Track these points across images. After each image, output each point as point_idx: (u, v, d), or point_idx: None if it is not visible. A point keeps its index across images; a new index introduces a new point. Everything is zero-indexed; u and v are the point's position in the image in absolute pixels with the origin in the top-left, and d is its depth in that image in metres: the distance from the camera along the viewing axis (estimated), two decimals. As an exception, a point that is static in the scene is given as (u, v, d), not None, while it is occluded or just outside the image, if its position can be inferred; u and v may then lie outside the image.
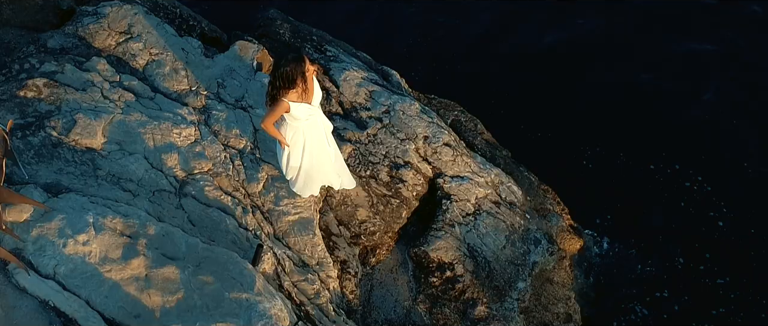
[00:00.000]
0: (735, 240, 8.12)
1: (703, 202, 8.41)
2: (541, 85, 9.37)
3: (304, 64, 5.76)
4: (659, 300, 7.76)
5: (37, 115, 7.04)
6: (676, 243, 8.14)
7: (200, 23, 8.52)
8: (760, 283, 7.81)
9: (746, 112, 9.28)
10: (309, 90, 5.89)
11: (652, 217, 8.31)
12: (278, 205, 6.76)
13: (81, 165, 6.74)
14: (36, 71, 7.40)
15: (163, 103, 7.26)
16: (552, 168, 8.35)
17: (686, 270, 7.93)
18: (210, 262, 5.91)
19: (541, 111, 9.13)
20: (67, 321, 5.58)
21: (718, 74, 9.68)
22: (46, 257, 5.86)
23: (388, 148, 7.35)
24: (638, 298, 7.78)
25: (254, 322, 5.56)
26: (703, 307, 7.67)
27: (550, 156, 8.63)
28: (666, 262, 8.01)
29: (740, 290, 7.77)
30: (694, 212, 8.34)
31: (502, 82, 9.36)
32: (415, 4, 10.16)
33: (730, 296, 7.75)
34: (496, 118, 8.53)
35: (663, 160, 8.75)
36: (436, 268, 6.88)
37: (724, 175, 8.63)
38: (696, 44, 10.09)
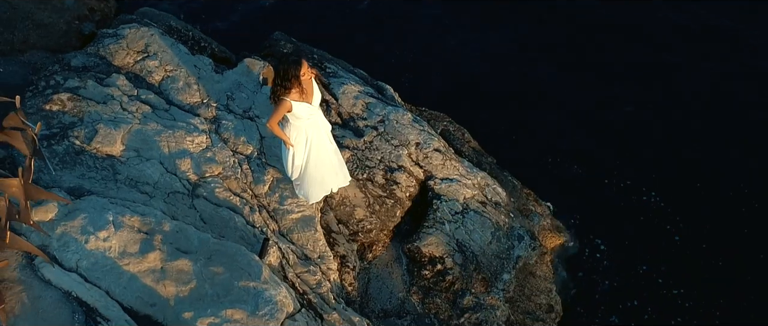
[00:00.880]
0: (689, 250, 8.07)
1: (660, 216, 8.35)
2: (524, 99, 9.37)
3: (300, 66, 5.79)
4: (627, 299, 7.66)
5: (62, 126, 7.07)
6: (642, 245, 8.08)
7: (211, 44, 8.55)
8: (713, 289, 7.75)
9: (705, 129, 9.26)
10: (308, 91, 5.95)
11: (622, 223, 8.24)
12: (283, 205, 6.78)
13: (102, 171, 6.77)
14: (61, 87, 7.43)
15: (177, 114, 7.29)
16: (533, 174, 8.34)
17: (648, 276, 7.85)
18: (220, 255, 5.92)
19: (524, 123, 9.11)
20: (89, 310, 5.57)
21: (682, 88, 9.68)
22: (69, 252, 5.87)
23: (383, 153, 7.37)
24: (612, 295, 7.68)
25: (261, 308, 5.56)
26: (663, 309, 7.58)
27: (531, 163, 8.60)
28: (632, 266, 7.93)
29: (693, 299, 7.69)
30: (655, 224, 8.27)
31: (487, 96, 9.37)
32: (407, 27, 10.19)
33: (685, 305, 7.66)
34: (482, 128, 8.52)
35: (627, 169, 8.74)
36: (428, 262, 6.89)
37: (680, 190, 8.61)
38: (664, 55, 10.12)
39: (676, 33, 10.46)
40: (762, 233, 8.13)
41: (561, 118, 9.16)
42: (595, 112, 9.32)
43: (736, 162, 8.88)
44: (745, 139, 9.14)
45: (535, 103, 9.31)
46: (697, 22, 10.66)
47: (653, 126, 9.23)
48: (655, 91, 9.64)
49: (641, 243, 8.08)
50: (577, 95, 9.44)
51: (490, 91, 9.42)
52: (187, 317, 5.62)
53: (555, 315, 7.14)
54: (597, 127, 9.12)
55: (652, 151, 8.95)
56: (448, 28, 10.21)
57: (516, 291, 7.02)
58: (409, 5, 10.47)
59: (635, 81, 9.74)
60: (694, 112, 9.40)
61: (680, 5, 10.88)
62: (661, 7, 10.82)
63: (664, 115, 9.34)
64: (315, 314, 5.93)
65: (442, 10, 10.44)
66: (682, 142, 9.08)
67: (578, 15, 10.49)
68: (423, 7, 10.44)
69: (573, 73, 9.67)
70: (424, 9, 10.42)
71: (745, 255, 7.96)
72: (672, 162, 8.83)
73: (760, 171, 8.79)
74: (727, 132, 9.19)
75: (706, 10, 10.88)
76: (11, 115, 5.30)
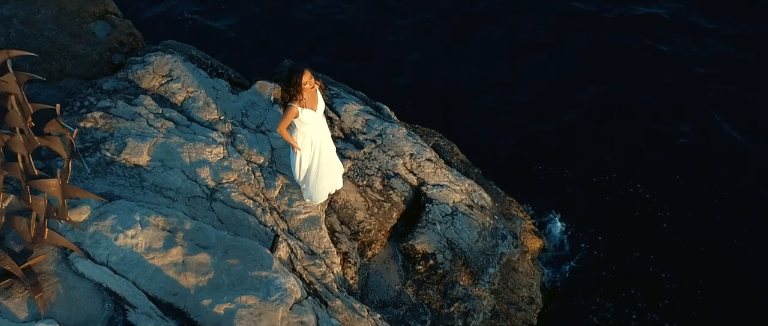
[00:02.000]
0: (675, 241, 8.09)
1: (645, 210, 8.36)
2: (508, 115, 9.41)
3: (302, 74, 5.85)
4: (610, 292, 7.68)
5: (94, 141, 7.12)
6: (622, 245, 8.09)
7: (227, 71, 8.61)
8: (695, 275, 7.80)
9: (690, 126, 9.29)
10: (312, 99, 6.01)
11: (603, 224, 8.25)
12: (291, 207, 6.81)
13: (130, 179, 6.82)
14: (94, 107, 7.50)
15: (198, 129, 7.35)
16: (515, 184, 8.34)
17: (634, 267, 7.85)
18: (235, 249, 5.95)
19: (507, 138, 9.14)
20: (118, 299, 5.60)
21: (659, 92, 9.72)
22: (100, 248, 5.91)
23: (380, 163, 7.40)
24: (590, 289, 7.70)
25: (272, 294, 5.59)
26: (650, 301, 7.61)
27: (514, 175, 8.62)
28: (615, 261, 7.95)
29: (678, 281, 7.74)
30: (637, 220, 8.30)
31: (474, 115, 9.41)
32: (401, 56, 10.26)
33: (672, 287, 7.71)
34: (469, 143, 8.55)
35: (610, 174, 8.76)
36: (421, 258, 6.90)
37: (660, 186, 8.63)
38: (644, 54, 10.12)
39: (655, 31, 10.45)
40: (741, 220, 8.17)
41: (542, 136, 9.17)
42: (576, 128, 9.33)
43: (715, 153, 8.88)
44: (723, 131, 9.13)
45: (520, 122, 9.32)
46: (674, 16, 10.66)
47: (632, 126, 9.22)
48: (635, 95, 9.63)
49: (628, 237, 8.05)
50: (559, 117, 9.45)
51: (477, 110, 9.46)
52: (205, 304, 5.65)
53: (536, 307, 7.14)
54: (578, 142, 9.12)
55: (632, 151, 8.94)
56: (439, 55, 10.29)
57: (500, 284, 7.01)
58: (404, 37, 10.56)
59: (613, 85, 9.75)
60: (673, 107, 9.39)
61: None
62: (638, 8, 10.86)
63: (642, 115, 9.32)
64: (320, 301, 5.95)
65: (433, 40, 10.55)
66: (661, 139, 9.06)
67: (560, 37, 10.56)
68: (416, 39, 10.52)
69: (555, 96, 9.69)
70: (417, 40, 10.51)
71: (727, 242, 8.01)
72: (652, 159, 8.84)
73: (738, 160, 8.80)
74: (704, 124, 9.18)
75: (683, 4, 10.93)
76: (52, 121, 5.38)
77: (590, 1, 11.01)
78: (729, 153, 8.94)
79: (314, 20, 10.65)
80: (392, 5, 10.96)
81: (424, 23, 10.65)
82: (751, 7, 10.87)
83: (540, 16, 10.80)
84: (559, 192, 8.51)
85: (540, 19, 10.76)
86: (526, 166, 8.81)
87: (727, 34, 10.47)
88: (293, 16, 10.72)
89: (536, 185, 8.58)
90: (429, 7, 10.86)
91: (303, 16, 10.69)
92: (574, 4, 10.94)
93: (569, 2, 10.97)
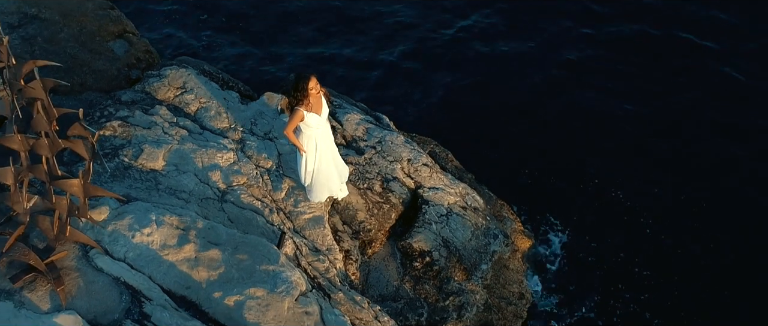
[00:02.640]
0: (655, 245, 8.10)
1: (629, 214, 8.38)
2: (499, 126, 9.44)
3: (309, 80, 5.95)
4: (597, 287, 7.69)
5: (113, 147, 7.18)
6: (609, 246, 8.09)
7: (237, 84, 8.63)
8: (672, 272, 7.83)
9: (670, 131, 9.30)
10: (317, 104, 6.08)
11: (590, 226, 8.28)
12: (297, 207, 6.84)
13: (146, 182, 6.87)
14: (113, 116, 7.56)
15: (209, 137, 7.41)
16: (506, 190, 8.35)
17: (619, 266, 7.86)
18: (245, 245, 6.00)
19: (498, 146, 9.17)
20: (134, 292, 5.66)
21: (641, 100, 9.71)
22: (118, 245, 5.97)
23: (380, 167, 7.44)
24: (578, 285, 7.71)
25: (279, 286, 5.64)
26: (633, 295, 7.63)
27: (504, 180, 8.63)
28: (602, 260, 7.95)
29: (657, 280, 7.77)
30: (622, 223, 8.30)
31: (468, 124, 9.45)
32: (398, 72, 10.32)
33: (653, 283, 7.72)
34: (463, 150, 8.54)
35: (594, 179, 8.77)
36: (418, 255, 6.92)
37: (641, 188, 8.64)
38: (621, 66, 10.13)
39: (643, 39, 10.47)
40: (719, 222, 8.22)
41: (532, 144, 9.20)
42: (562, 130, 9.37)
43: (696, 159, 8.90)
44: (703, 134, 9.15)
45: (509, 131, 9.35)
46: (653, 22, 10.69)
47: (616, 134, 9.23)
48: (620, 102, 9.63)
49: (614, 239, 8.06)
50: (547, 127, 9.46)
51: (471, 121, 9.49)
52: (216, 296, 5.71)
53: (526, 302, 7.16)
54: (564, 142, 9.17)
55: (615, 156, 8.97)
56: (434, 70, 10.34)
57: (492, 280, 7.03)
58: (403, 54, 10.60)
59: (598, 94, 9.76)
60: (657, 115, 9.40)
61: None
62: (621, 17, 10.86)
63: (626, 123, 9.34)
64: (324, 294, 5.99)
65: (430, 56, 10.61)
66: (642, 143, 9.08)
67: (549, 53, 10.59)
68: (414, 56, 10.58)
69: (546, 107, 9.73)
70: (414, 58, 10.56)
71: (705, 243, 8.04)
72: (634, 165, 8.85)
73: (719, 163, 8.82)
74: (686, 133, 9.21)
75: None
76: (75, 124, 5.45)
77: (580, 14, 11.06)
78: (710, 157, 8.95)
79: (320, 37, 10.74)
80: (391, 24, 11.05)
81: (422, 41, 10.72)
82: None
83: (531, 30, 10.87)
84: (548, 197, 8.53)
85: (531, 33, 10.82)
86: (516, 172, 8.83)
87: (718, 41, 10.50)
88: (299, 33, 10.82)
89: (526, 190, 8.59)
90: (427, 27, 10.93)
91: (309, 34, 10.79)
92: (562, 21, 11.03)
93: (558, 19, 11.05)
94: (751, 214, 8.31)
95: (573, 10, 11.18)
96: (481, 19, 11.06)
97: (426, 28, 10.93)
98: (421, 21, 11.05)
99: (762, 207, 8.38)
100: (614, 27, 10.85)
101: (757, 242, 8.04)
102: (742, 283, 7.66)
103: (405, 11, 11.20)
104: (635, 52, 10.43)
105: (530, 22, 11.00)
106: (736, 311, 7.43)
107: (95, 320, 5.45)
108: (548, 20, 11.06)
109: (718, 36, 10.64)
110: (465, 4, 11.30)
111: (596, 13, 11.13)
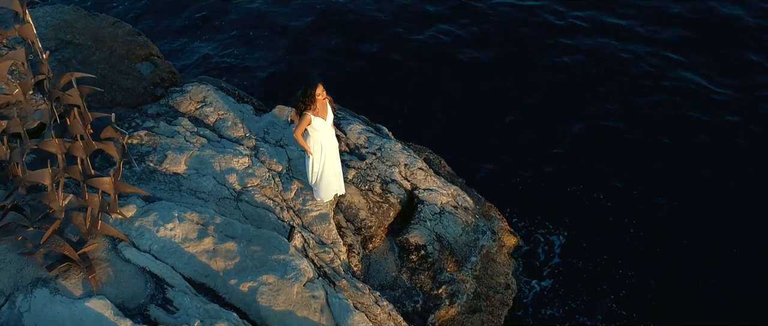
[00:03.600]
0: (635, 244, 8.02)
1: (607, 215, 8.34)
2: (487, 137, 9.47)
3: (316, 87, 6.05)
4: (581, 284, 7.67)
5: (140, 154, 7.28)
6: (592, 247, 8.04)
7: (251, 99, 8.73)
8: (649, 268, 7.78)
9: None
10: (323, 110, 6.16)
11: (568, 225, 8.28)
12: (305, 206, 6.91)
13: (169, 184, 6.95)
14: (140, 127, 7.68)
15: (227, 144, 7.50)
16: (493, 193, 8.38)
17: (603, 266, 7.80)
18: (258, 238, 6.08)
19: (487, 154, 9.21)
20: (158, 280, 5.73)
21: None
22: (144, 239, 6.04)
23: (380, 171, 7.50)
24: (560, 279, 7.73)
25: (288, 273, 5.70)
26: (616, 294, 7.56)
27: (492, 185, 8.69)
28: (586, 261, 7.91)
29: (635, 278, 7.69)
30: (601, 223, 8.27)
31: (460, 135, 9.50)
32: (396, 87, 10.40)
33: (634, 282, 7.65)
34: (454, 158, 8.60)
35: (579, 185, 8.77)
36: (414, 249, 6.96)
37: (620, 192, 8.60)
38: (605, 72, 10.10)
39: (625, 49, 10.44)
40: (695, 222, 8.16)
41: (517, 151, 9.23)
42: (547, 139, 9.36)
43: (673, 165, 8.84)
44: (687, 139, 9.07)
45: (498, 140, 9.38)
46: (631, 26, 10.70)
47: (597, 140, 9.21)
48: (600, 112, 9.60)
49: (593, 237, 8.01)
50: (533, 126, 9.47)
51: (462, 132, 9.55)
52: (232, 283, 5.77)
53: (511, 291, 7.17)
54: (548, 151, 9.17)
55: (597, 161, 8.95)
56: (428, 86, 10.41)
57: (481, 271, 7.04)
58: (402, 71, 10.71)
59: (579, 104, 9.75)
60: (640, 123, 9.35)
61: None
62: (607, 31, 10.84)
63: (606, 134, 9.30)
64: (329, 281, 6.03)
65: (426, 74, 10.70)
66: (626, 149, 9.05)
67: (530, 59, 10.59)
68: (412, 74, 10.69)
69: (535, 117, 9.73)
70: (413, 76, 10.67)
71: (682, 243, 7.96)
72: (614, 168, 8.84)
73: (694, 166, 8.75)
74: (668, 133, 9.16)
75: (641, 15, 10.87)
76: (107, 127, 5.56)
77: (564, 30, 11.04)
78: (693, 159, 8.89)
79: (326, 57, 10.87)
80: (391, 44, 11.13)
81: (417, 62, 10.79)
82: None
83: (515, 44, 10.87)
84: (532, 200, 8.56)
85: (516, 47, 10.84)
86: (503, 177, 8.88)
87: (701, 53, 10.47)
88: (307, 54, 10.95)
89: (512, 193, 8.63)
90: (423, 51, 11.03)
91: (316, 54, 10.92)
92: (543, 32, 10.98)
93: (538, 31, 11.05)
94: (738, 214, 8.18)
95: (554, 22, 11.16)
96: (469, 37, 11.12)
97: (422, 52, 11.05)
98: (421, 48, 11.14)
99: (747, 207, 8.25)
100: (596, 34, 10.79)
101: (744, 241, 7.90)
102: (728, 281, 7.53)
103: (406, 41, 11.24)
104: (619, 59, 10.37)
105: (513, 36, 10.99)
106: (720, 309, 7.30)
107: (123, 304, 5.51)
108: (530, 32, 11.03)
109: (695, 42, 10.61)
110: (458, 27, 11.36)
111: (576, 24, 11.11)
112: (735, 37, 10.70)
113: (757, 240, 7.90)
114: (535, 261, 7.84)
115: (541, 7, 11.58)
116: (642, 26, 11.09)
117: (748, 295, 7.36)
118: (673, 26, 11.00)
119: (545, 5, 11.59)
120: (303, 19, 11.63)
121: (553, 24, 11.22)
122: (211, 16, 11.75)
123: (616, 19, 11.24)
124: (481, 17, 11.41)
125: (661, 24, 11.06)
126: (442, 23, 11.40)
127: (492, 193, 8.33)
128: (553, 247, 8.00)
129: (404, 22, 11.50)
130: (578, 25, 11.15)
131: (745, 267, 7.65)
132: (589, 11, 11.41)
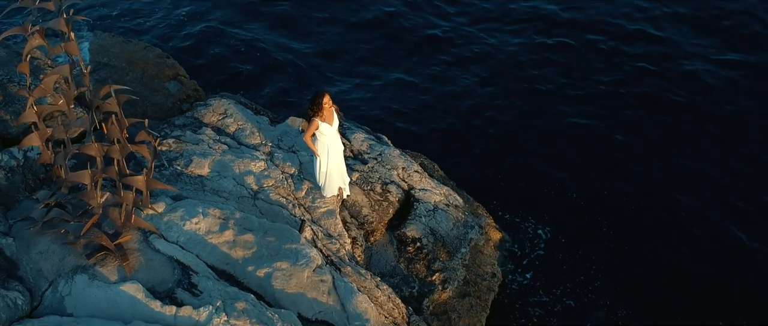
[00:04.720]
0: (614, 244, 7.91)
1: (585, 214, 8.23)
2: (476, 144, 9.46)
3: (323, 95, 6.14)
4: (563, 277, 7.60)
5: (168, 159, 7.36)
6: (575, 242, 7.94)
7: (267, 112, 8.72)
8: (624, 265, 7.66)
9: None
10: (329, 116, 6.25)
11: (548, 222, 8.24)
12: (314, 203, 6.98)
13: (194, 185, 7.04)
14: (168, 135, 7.75)
15: (245, 150, 7.57)
16: (481, 194, 8.34)
17: (585, 262, 7.71)
18: (273, 231, 6.18)
19: (477, 160, 9.21)
20: (184, 267, 5.83)
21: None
22: (172, 231, 6.15)
23: (380, 173, 7.57)
24: (536, 269, 7.69)
25: (300, 260, 5.79)
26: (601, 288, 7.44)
27: (480, 187, 8.61)
28: (570, 254, 7.83)
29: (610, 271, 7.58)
30: (582, 221, 8.16)
31: (451, 143, 9.51)
32: (393, 98, 10.41)
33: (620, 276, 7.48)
34: (446, 164, 8.63)
35: (562, 183, 8.71)
36: (410, 242, 7.01)
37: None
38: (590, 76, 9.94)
39: (606, 53, 10.29)
40: (674, 219, 8.03)
41: (501, 158, 9.21)
42: (531, 143, 9.30)
43: (651, 164, 8.68)
44: (666, 138, 8.89)
45: (486, 148, 9.37)
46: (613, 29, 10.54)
47: (582, 147, 9.07)
48: (583, 116, 9.46)
49: (577, 233, 7.93)
50: (516, 132, 9.44)
51: (453, 141, 9.57)
52: (250, 270, 5.87)
53: (497, 279, 7.17)
54: (532, 162, 9.11)
55: (577, 161, 8.85)
56: (423, 99, 10.43)
57: (470, 261, 7.08)
58: (400, 86, 10.72)
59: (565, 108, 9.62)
60: (622, 125, 9.20)
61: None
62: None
63: (589, 136, 9.15)
64: (335, 268, 6.10)
65: (419, 81, 10.74)
66: (604, 153, 8.95)
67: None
68: (410, 90, 10.69)
69: (520, 127, 9.65)
70: (411, 91, 10.67)
71: (662, 240, 7.83)
72: (595, 170, 8.75)
73: (670, 168, 8.57)
74: (641, 136, 8.98)
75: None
76: (141, 131, 5.68)
77: (545, 32, 10.87)
78: (671, 159, 8.74)
79: (334, 77, 10.99)
80: (394, 65, 11.15)
81: (414, 78, 10.83)
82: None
83: (508, 55, 10.77)
84: (517, 200, 8.53)
85: (506, 57, 10.74)
86: (491, 180, 8.86)
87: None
88: (315, 74, 11.07)
89: (498, 194, 8.63)
90: (422, 69, 10.99)
91: (323, 73, 11.05)
92: (527, 41, 10.79)
93: (522, 39, 10.90)
94: (718, 203, 8.02)
95: (539, 28, 11.03)
96: (461, 52, 11.10)
97: (418, 72, 11.08)
98: (417, 68, 11.14)
99: (726, 197, 8.09)
100: (583, 41, 10.62)
101: (724, 233, 7.76)
102: (709, 270, 7.40)
103: (401, 65, 11.28)
104: (605, 66, 10.23)
105: (494, 60, 10.92)
106: (701, 297, 7.15)
107: (153, 288, 5.61)
108: (515, 40, 10.95)
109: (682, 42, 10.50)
110: (449, 56, 11.35)
111: (562, 30, 10.96)
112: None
113: (736, 232, 7.71)
114: (518, 253, 7.86)
115: (519, 31, 11.52)
116: (605, 36, 10.91)
117: (728, 285, 7.23)
118: (637, 40, 10.88)
119: (525, 28, 11.51)
120: (310, 45, 11.74)
121: (540, 28, 11.01)
122: (235, 43, 11.92)
123: (575, 31, 11.07)
124: (473, 42, 11.37)
125: (622, 38, 10.89)
126: (437, 53, 11.30)
127: (479, 194, 8.34)
128: (536, 242, 8.03)
129: (398, 50, 11.50)
130: (548, 44, 11.02)
131: (724, 257, 7.49)
132: (562, 28, 11.29)
